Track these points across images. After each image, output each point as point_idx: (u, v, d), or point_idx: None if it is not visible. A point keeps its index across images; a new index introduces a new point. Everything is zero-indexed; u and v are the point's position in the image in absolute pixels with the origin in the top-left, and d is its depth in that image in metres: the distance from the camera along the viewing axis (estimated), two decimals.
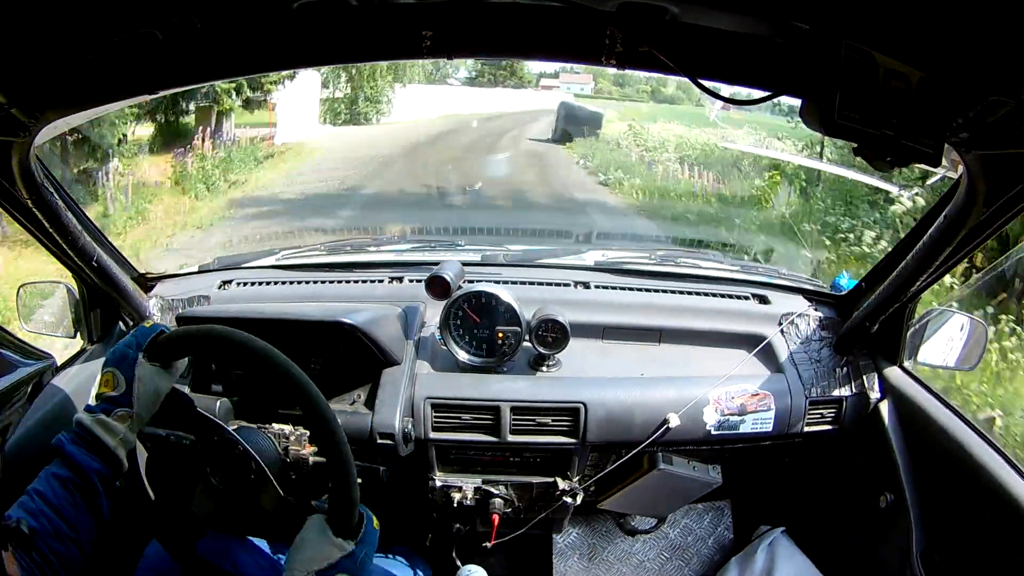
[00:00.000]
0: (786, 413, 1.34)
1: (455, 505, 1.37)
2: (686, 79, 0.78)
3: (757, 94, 0.79)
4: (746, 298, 1.51)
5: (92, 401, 0.95)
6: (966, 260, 1.18)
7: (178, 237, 6.42)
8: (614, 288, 1.52)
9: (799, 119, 0.75)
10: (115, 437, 0.92)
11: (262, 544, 1.25)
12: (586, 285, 1.52)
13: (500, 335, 1.33)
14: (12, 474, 1.17)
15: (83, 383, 1.37)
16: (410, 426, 1.26)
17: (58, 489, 0.87)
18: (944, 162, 0.85)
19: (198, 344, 0.99)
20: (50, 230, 1.11)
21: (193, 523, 1.02)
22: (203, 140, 8.91)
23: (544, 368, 1.36)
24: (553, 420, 1.30)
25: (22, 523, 0.78)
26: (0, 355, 0.67)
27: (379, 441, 1.23)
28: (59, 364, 1.42)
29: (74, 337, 1.46)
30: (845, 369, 1.41)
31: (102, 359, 1.41)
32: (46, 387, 1.30)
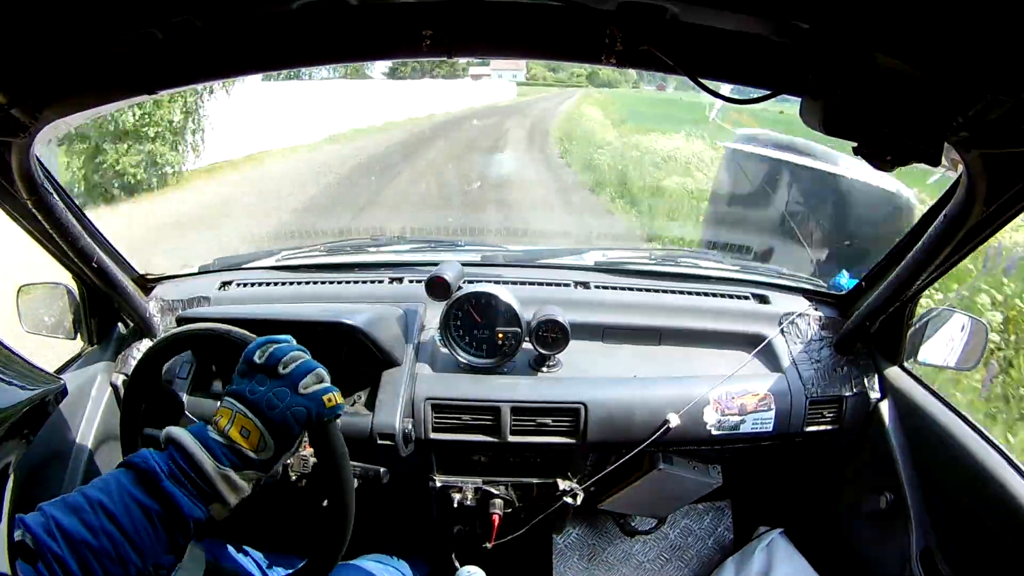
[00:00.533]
0: (786, 413, 1.34)
1: (455, 506, 1.37)
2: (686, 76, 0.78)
3: (757, 93, 0.79)
4: (746, 298, 1.51)
5: (215, 435, 0.79)
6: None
7: None
8: (614, 288, 1.52)
9: None
10: (238, 496, 0.80)
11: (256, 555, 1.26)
12: (586, 285, 1.52)
13: (500, 335, 1.33)
14: (15, 481, 1.17)
15: (82, 386, 1.37)
16: (410, 427, 1.26)
17: (138, 518, 0.74)
18: (944, 162, 0.85)
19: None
20: (50, 231, 1.10)
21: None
22: None
23: (544, 368, 1.36)
24: (553, 420, 1.30)
25: (26, 537, 0.70)
26: (8, 378, 0.64)
27: (379, 442, 1.23)
28: (59, 367, 1.42)
29: (74, 338, 1.46)
30: (845, 369, 1.41)
31: (102, 362, 1.43)
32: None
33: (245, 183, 6.50)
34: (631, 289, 1.52)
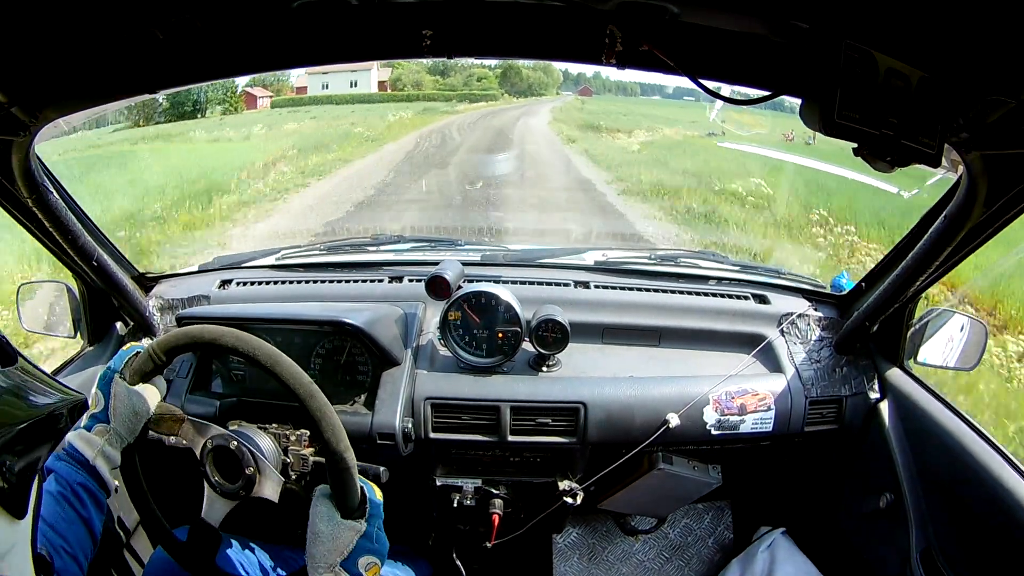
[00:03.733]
0: (786, 413, 1.34)
1: (455, 505, 1.37)
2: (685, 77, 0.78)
3: (757, 94, 0.79)
4: (746, 298, 1.51)
5: (84, 420, 1.02)
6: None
7: None
8: (614, 288, 1.52)
9: None
10: (93, 449, 0.97)
11: (275, 550, 1.26)
12: (586, 285, 1.52)
13: (500, 335, 1.33)
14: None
15: (82, 384, 1.37)
16: (410, 426, 1.26)
17: (50, 504, 0.90)
18: (944, 162, 0.85)
19: (167, 354, 1.02)
20: (50, 229, 1.11)
21: (208, 535, 1.03)
22: None
23: (544, 368, 1.36)
24: (553, 420, 1.30)
25: (42, 549, 0.80)
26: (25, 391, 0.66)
27: (379, 441, 1.23)
28: (58, 366, 1.42)
29: (74, 337, 1.46)
30: (845, 369, 1.41)
31: (102, 360, 1.43)
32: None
33: None
34: (631, 289, 1.52)
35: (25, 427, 0.60)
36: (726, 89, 0.88)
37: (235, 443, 1.00)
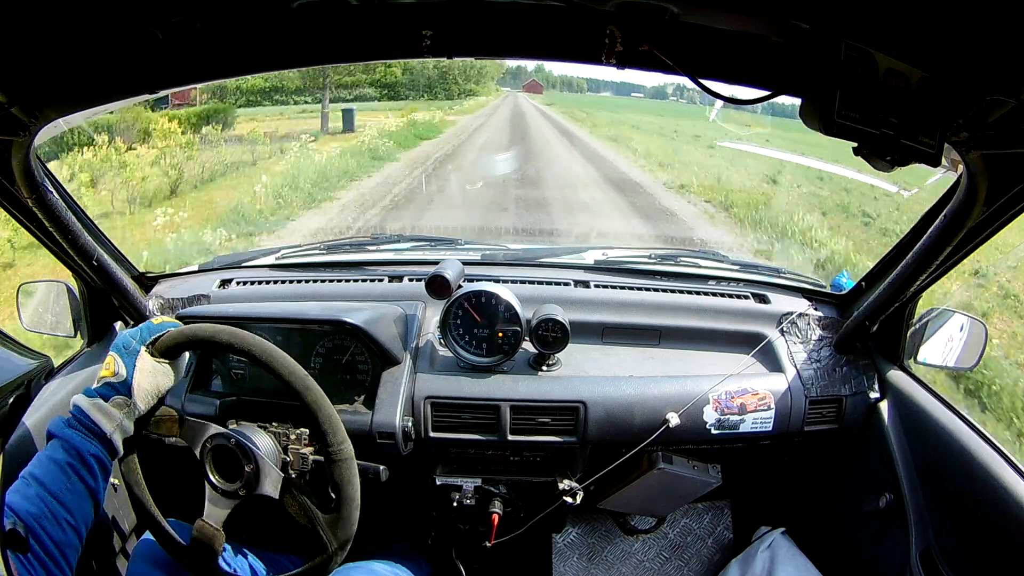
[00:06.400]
0: (786, 413, 1.34)
1: (455, 505, 1.37)
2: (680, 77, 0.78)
3: (757, 94, 0.79)
4: (746, 297, 1.51)
5: (95, 384, 0.98)
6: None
7: None
8: (614, 287, 1.52)
9: None
10: (112, 423, 0.94)
11: (268, 555, 1.26)
12: (586, 284, 1.52)
13: (500, 334, 1.33)
14: (12, 473, 1.18)
15: (82, 383, 1.37)
16: (410, 425, 1.26)
17: (56, 474, 0.87)
18: (944, 162, 0.85)
19: (201, 344, 1.02)
20: (50, 229, 1.11)
21: (211, 537, 1.03)
22: None
23: (544, 367, 1.36)
24: (553, 419, 1.30)
25: (17, 525, 0.79)
26: None
27: (379, 440, 1.23)
28: (58, 364, 1.42)
29: (74, 336, 1.46)
30: (845, 368, 1.41)
31: (101, 359, 1.43)
32: (44, 386, 1.30)
33: None
34: (631, 288, 1.52)
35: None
36: (726, 89, 0.88)
37: (234, 441, 1.01)
